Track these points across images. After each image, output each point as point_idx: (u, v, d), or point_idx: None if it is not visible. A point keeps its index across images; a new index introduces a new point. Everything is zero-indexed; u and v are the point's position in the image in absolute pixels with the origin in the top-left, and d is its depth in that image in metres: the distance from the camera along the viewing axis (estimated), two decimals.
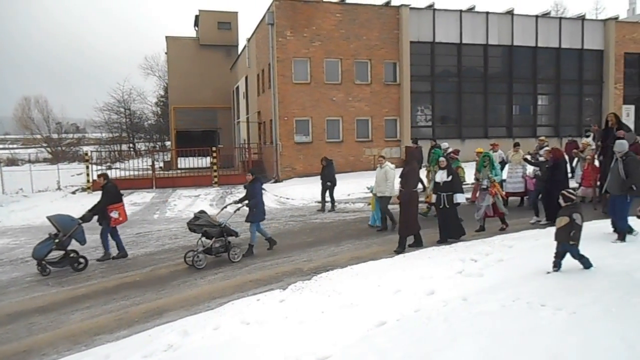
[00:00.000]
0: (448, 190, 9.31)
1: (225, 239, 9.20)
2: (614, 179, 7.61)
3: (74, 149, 45.96)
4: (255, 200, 9.64)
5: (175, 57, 37.03)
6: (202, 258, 8.88)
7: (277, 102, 21.54)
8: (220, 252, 9.16)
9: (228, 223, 9.30)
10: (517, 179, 12.78)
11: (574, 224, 5.89)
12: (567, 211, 6.07)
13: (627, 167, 7.42)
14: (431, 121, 24.32)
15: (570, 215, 5.97)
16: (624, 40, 26.87)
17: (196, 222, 9.05)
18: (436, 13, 23.72)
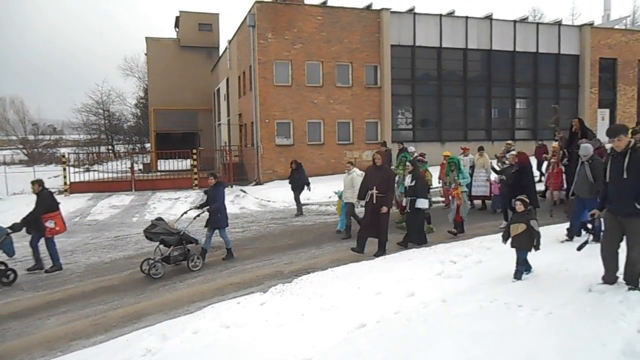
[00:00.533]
0: (412, 195, 9.27)
1: (185, 246, 8.82)
2: (583, 182, 7.79)
3: (51, 150, 45.12)
4: (217, 205, 9.30)
5: (155, 58, 36.68)
6: (159, 267, 8.44)
7: (258, 105, 21.48)
8: (179, 260, 8.79)
9: (188, 230, 8.94)
10: (481, 183, 12.83)
11: (532, 230, 5.92)
12: (524, 218, 6.09)
13: (595, 171, 7.59)
14: (412, 124, 24.51)
15: (528, 222, 5.99)
16: (599, 45, 27.48)
17: (153, 230, 8.61)
18: (416, 17, 23.94)
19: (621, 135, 5.05)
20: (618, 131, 5.10)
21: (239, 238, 11.42)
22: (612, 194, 5.13)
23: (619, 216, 5.07)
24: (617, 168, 5.05)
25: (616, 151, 5.09)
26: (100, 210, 16.96)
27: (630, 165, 4.93)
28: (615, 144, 5.08)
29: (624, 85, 28.50)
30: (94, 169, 27.95)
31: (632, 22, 46.30)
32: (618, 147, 5.05)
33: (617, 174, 5.04)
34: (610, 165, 5.17)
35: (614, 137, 5.06)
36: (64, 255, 10.26)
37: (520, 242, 6.06)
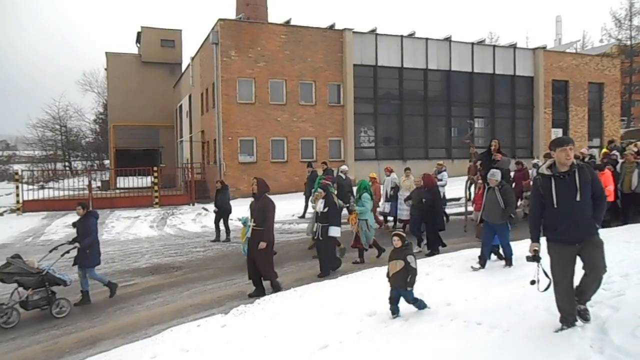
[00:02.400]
0: (324, 221, 8.84)
1: (48, 289, 7.52)
2: (493, 208, 7.62)
3: (3, 167, 43.43)
4: (90, 240, 8.10)
5: (115, 74, 36.04)
6: (14, 315, 7.13)
7: (221, 122, 21.34)
8: (40, 305, 7.45)
9: (53, 269, 7.71)
10: (405, 206, 12.28)
11: (409, 267, 5.56)
12: (402, 254, 5.68)
13: (505, 196, 7.58)
14: (374, 142, 24.84)
15: (405, 258, 5.61)
16: (552, 67, 28.71)
17: (5, 270, 7.27)
18: (378, 37, 24.44)
19: (572, 145, 4.40)
20: (567, 141, 4.41)
21: (200, 258, 11.22)
22: (562, 221, 4.38)
23: (574, 244, 4.37)
24: (565, 190, 4.37)
25: (560, 171, 4.41)
26: (54, 229, 16.37)
27: (582, 186, 4.32)
28: (561, 158, 4.37)
29: (575, 106, 29.79)
30: (49, 187, 27.00)
31: (582, 46, 48.69)
32: (565, 163, 4.37)
33: (567, 197, 4.36)
34: (554, 188, 4.41)
35: (564, 146, 4.34)
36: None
37: (397, 281, 5.65)
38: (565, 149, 4.35)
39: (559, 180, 4.40)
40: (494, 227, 7.60)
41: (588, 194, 4.35)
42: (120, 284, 8.79)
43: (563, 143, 4.37)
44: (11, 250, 12.88)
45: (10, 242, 14.26)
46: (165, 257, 11.36)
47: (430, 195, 9.80)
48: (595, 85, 30.57)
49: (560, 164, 4.41)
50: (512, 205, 7.74)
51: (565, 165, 4.38)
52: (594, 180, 4.45)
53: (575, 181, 4.34)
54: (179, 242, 13.45)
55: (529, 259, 4.52)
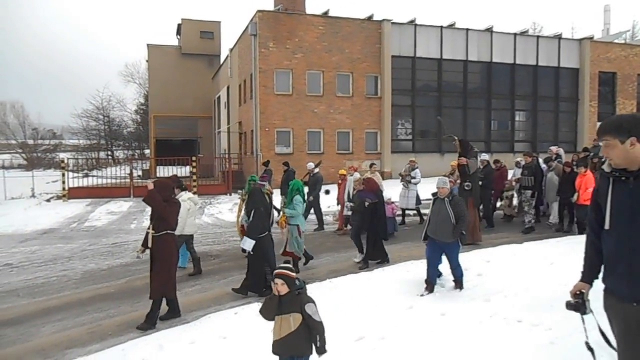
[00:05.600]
0: (247, 231, 7.59)
1: None
2: (442, 223, 6.52)
3: (50, 155, 45.11)
4: None
5: (156, 65, 36.80)
6: None
7: (258, 113, 21.52)
8: None
9: None
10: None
11: (311, 322, 3.74)
12: (295, 304, 3.75)
13: (456, 209, 6.55)
14: (411, 135, 24.55)
15: (303, 310, 3.72)
16: (599, 59, 27.63)
17: None
18: (417, 28, 24.06)
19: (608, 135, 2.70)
20: (619, 127, 2.65)
21: (236, 247, 11.34)
22: (616, 258, 2.70)
23: (632, 303, 2.63)
24: (626, 203, 2.66)
25: (621, 169, 2.69)
26: (98, 216, 16.91)
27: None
28: (605, 149, 2.77)
29: (623, 99, 28.61)
30: (93, 175, 27.97)
31: (632, 36, 46.61)
32: (610, 157, 2.73)
33: (626, 214, 2.65)
34: (610, 196, 2.73)
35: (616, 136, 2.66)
36: (60, 261, 10.21)
37: (295, 346, 3.78)
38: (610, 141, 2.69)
39: (619, 184, 2.71)
40: (442, 246, 6.56)
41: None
42: None
43: (609, 131, 2.72)
44: (57, 235, 13.42)
45: (56, 227, 14.81)
46: (203, 246, 11.55)
47: (375, 198, 8.85)
48: None
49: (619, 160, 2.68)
50: (463, 220, 6.59)
51: (619, 160, 2.67)
52: None
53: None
54: (216, 231, 13.69)
55: (569, 306, 2.88)
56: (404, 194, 12.75)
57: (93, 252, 11.26)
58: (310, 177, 13.06)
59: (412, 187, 12.53)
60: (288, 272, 3.82)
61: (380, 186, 11.60)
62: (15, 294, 8.21)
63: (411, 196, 12.59)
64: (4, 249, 11.75)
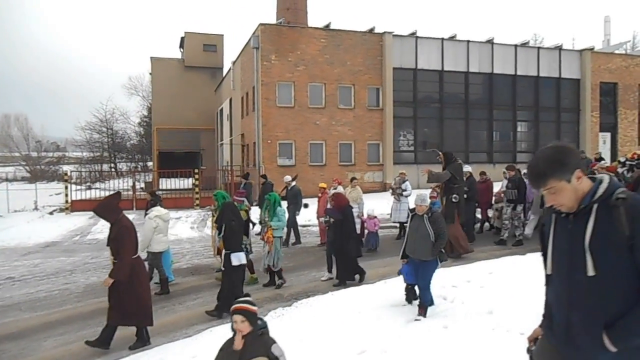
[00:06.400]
0: (227, 247, 7.29)
1: None
2: (422, 241, 6.17)
3: (54, 167, 45.32)
4: None
5: (159, 78, 37.06)
6: None
7: (260, 125, 21.61)
8: None
9: None
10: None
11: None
12: (260, 346, 3.20)
13: (435, 226, 6.21)
14: (413, 146, 24.58)
15: (270, 353, 3.18)
16: (600, 69, 27.71)
17: None
18: (418, 40, 24.20)
19: (551, 180, 2.21)
20: (550, 171, 2.22)
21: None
22: (557, 306, 2.34)
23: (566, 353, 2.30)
24: (566, 247, 2.26)
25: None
26: (100, 229, 16.91)
27: (602, 243, 2.12)
28: (552, 197, 2.27)
29: (625, 109, 28.64)
30: (96, 187, 28.01)
31: (632, 47, 46.77)
32: (560, 203, 2.26)
33: (566, 261, 2.25)
34: (552, 236, 2.36)
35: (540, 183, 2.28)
36: (63, 275, 10.21)
37: None
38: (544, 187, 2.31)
39: (560, 222, 2.32)
40: (418, 264, 6.18)
41: (619, 268, 2.09)
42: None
43: (537, 179, 2.33)
44: (60, 248, 13.43)
45: (59, 240, 14.84)
46: (206, 258, 11.55)
47: (341, 215, 8.54)
48: None
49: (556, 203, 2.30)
50: (443, 237, 6.21)
51: (562, 203, 2.26)
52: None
53: (584, 232, 2.17)
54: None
55: (528, 351, 2.63)
56: (396, 208, 12.58)
57: (95, 265, 11.27)
58: (288, 191, 12.98)
59: (404, 200, 12.30)
60: (249, 307, 3.18)
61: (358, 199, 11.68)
62: (17, 308, 8.21)
63: (403, 209, 12.19)
64: (7, 262, 11.77)
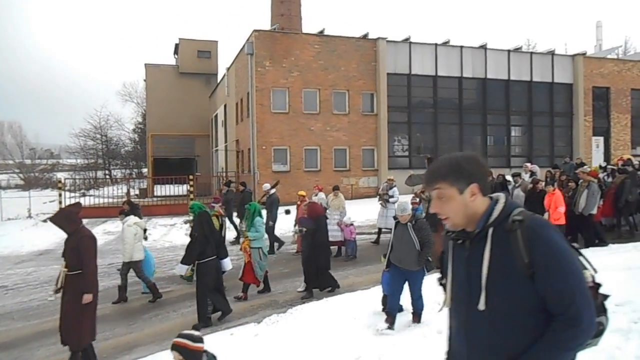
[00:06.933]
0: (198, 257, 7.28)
1: None
2: (406, 250, 5.95)
3: (48, 175, 45.05)
4: None
5: (154, 85, 37.01)
6: None
7: (255, 131, 21.60)
8: None
9: None
10: (333, 227, 11.25)
11: None
12: None
13: (420, 234, 6.01)
14: (408, 151, 24.64)
15: None
16: (592, 74, 27.89)
17: None
18: (412, 46, 24.30)
19: (442, 182, 1.93)
20: (439, 174, 1.95)
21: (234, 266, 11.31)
22: (457, 343, 2.05)
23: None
24: (462, 276, 1.97)
25: (457, 228, 1.99)
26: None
27: (497, 274, 1.84)
28: (438, 203, 1.97)
29: (617, 113, 28.82)
30: (90, 194, 27.89)
31: (624, 51, 47.14)
32: (445, 214, 1.96)
33: (461, 293, 1.98)
34: (451, 266, 2.04)
35: (433, 185, 1.97)
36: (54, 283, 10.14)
37: None
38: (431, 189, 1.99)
39: (457, 250, 2.01)
40: (405, 274, 5.97)
41: (520, 301, 1.81)
42: None
43: (430, 180, 2.01)
44: (53, 256, 13.35)
45: (52, 248, 14.75)
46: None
47: (313, 225, 8.38)
48: (638, 91, 29.46)
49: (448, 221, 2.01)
50: (429, 245, 6.02)
51: (455, 222, 1.97)
52: (548, 264, 1.77)
53: (481, 258, 1.86)
54: None
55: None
56: (383, 214, 12.59)
57: None
58: (267, 199, 12.95)
59: (391, 207, 12.20)
60: (187, 343, 2.88)
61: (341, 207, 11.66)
62: (9, 317, 8.16)
63: (390, 215, 11.95)
64: (0, 270, 11.69)
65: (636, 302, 5.50)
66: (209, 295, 7.22)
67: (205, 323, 7.09)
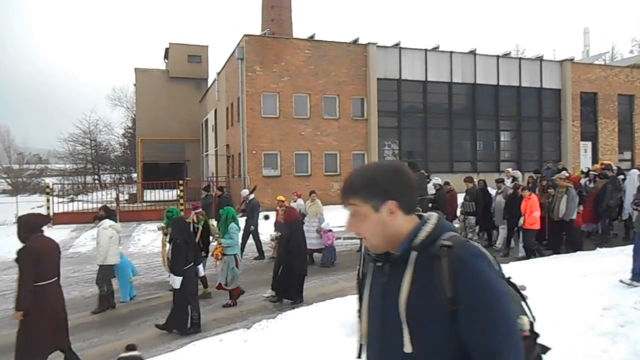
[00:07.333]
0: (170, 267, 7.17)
1: None
2: None
3: (36, 180, 44.60)
4: None
5: (143, 89, 36.84)
6: None
7: (245, 136, 21.57)
8: None
9: None
10: (312, 234, 11.21)
11: None
12: None
13: None
14: (398, 156, 24.71)
15: None
16: (580, 80, 28.21)
17: None
18: (402, 51, 24.44)
19: (355, 197, 1.69)
20: (356, 188, 1.71)
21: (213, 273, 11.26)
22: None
23: None
24: (380, 309, 1.64)
25: (378, 251, 1.67)
26: (83, 242, 16.71)
27: (415, 308, 1.52)
28: (352, 220, 1.72)
29: (605, 118, 29.15)
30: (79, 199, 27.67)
31: (611, 57, 47.75)
32: (361, 234, 1.70)
33: (381, 329, 1.63)
34: (368, 292, 1.73)
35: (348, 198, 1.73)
36: None
37: None
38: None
39: (376, 273, 1.72)
40: None
41: (443, 342, 1.51)
42: (145, 297, 8.90)
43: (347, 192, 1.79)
44: None
45: None
46: None
47: (288, 230, 8.33)
48: (625, 97, 29.88)
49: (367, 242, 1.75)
50: None
51: (375, 245, 1.69)
52: (472, 302, 1.46)
53: (401, 284, 1.57)
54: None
55: None
56: None
57: (77, 279, 11.12)
58: (247, 205, 12.88)
59: None
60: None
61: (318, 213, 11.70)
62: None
63: None
64: None
65: (623, 305, 5.55)
66: (192, 302, 7.11)
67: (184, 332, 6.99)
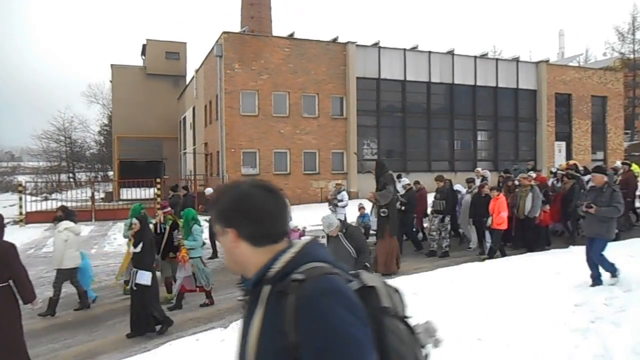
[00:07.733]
0: (136, 264, 6.82)
1: None
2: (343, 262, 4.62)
3: (8, 178, 43.58)
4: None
5: (120, 86, 36.29)
6: None
7: (224, 134, 21.43)
8: None
9: None
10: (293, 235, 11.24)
11: None
12: None
13: (354, 242, 5.95)
14: (377, 154, 24.82)
15: None
16: (555, 81, 28.76)
17: None
18: (381, 51, 24.57)
19: (215, 218, 1.52)
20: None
21: None
22: None
23: None
24: (240, 346, 1.43)
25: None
26: None
27: (262, 351, 1.32)
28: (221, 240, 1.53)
29: (579, 119, 29.78)
30: (53, 198, 27.10)
31: (585, 59, 48.80)
32: (230, 268, 1.58)
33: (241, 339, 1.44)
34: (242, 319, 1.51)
35: None
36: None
37: None
38: None
39: (245, 304, 1.53)
40: None
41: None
42: (120, 297, 8.78)
43: None
44: None
45: None
46: None
47: None
48: (598, 98, 30.59)
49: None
50: (364, 251, 6.06)
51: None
52: (315, 353, 1.20)
53: (250, 324, 1.39)
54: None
55: None
56: None
57: (50, 280, 10.80)
58: (208, 205, 12.78)
59: (340, 211, 12.21)
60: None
61: None
62: None
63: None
64: None
65: (593, 302, 5.68)
66: (154, 304, 6.97)
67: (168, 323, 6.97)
